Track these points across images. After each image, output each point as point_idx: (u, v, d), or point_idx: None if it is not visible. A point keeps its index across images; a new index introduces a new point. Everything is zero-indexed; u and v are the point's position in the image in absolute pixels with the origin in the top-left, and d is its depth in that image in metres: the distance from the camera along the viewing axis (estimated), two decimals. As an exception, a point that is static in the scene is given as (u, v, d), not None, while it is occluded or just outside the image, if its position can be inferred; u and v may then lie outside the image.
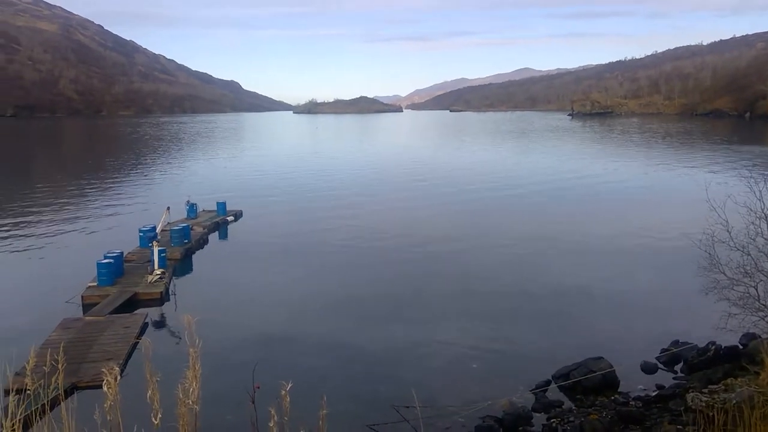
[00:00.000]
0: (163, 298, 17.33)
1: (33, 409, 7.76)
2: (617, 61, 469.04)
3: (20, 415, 4.62)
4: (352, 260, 21.80)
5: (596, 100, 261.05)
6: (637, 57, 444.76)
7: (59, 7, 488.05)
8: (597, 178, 45.05)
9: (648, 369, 12.43)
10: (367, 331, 14.84)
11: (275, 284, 19.07)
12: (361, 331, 14.78)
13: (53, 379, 4.98)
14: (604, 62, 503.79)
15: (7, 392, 10.44)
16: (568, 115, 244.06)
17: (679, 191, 38.08)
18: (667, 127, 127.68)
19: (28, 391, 5.28)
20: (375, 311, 16.28)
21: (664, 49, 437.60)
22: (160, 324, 15.66)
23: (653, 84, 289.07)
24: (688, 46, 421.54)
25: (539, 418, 10.47)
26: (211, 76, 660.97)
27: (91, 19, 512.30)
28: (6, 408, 8.28)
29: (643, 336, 14.19)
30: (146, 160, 67.03)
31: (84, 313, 15.87)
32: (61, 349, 5.35)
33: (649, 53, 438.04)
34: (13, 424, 4.47)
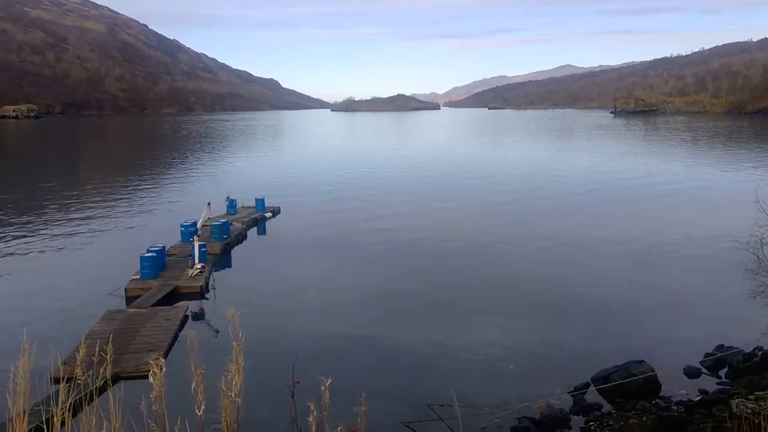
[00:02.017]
0: (203, 292, 17.69)
1: (78, 397, 8.03)
2: (662, 58, 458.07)
3: (68, 402, 4.78)
4: (389, 256, 21.83)
5: (640, 97, 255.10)
6: (684, 54, 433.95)
7: (106, 7, 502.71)
8: (641, 177, 44.03)
9: (691, 373, 12.09)
10: (403, 327, 14.83)
11: (312, 279, 19.24)
12: (397, 328, 14.79)
13: (101, 370, 5.14)
14: (648, 59, 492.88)
15: (54, 380, 10.85)
16: (611, 112, 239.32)
17: (726, 192, 36.91)
18: (715, 126, 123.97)
19: (78, 381, 5.46)
20: (412, 308, 16.27)
21: (712, 46, 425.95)
22: (199, 317, 15.99)
23: (700, 81, 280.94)
24: (737, 42, 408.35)
25: (577, 421, 10.29)
26: (250, 74, 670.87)
27: (137, 19, 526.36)
28: (54, 395, 8.56)
29: (687, 339, 13.81)
30: (190, 156, 68.51)
31: (127, 305, 16.31)
32: (110, 340, 5.51)
33: (696, 50, 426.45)
34: (62, 412, 4.63)
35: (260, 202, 29.80)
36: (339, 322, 15.35)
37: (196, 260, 19.03)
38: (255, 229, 27.12)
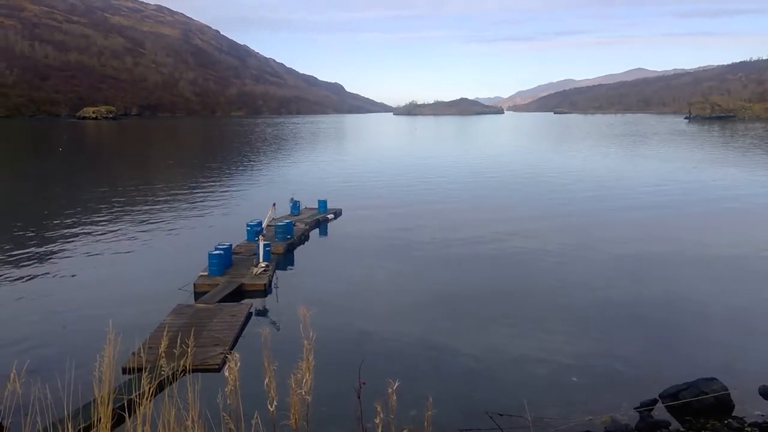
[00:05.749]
0: (266, 290, 18.14)
1: (154, 386, 8.41)
2: (741, 62, 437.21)
3: (148, 390, 5.02)
4: (450, 261, 21.70)
5: (717, 102, 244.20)
6: (765, 57, 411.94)
7: (181, 13, 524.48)
8: (720, 186, 42.03)
9: (767, 394, 11.47)
10: (464, 332, 14.70)
11: (372, 281, 19.41)
12: (459, 333, 14.66)
13: (179, 362, 5.38)
14: (726, 63, 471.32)
15: (128, 369, 11.37)
16: (685, 118, 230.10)
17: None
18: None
19: (162, 371, 5.72)
20: (473, 313, 16.11)
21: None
22: (263, 314, 16.40)
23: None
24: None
25: (643, 438, 9.93)
26: (316, 78, 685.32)
27: (209, 25, 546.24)
28: (136, 382, 8.97)
29: (763, 358, 13.11)
30: (258, 158, 70.43)
31: (195, 300, 16.92)
32: (192, 333, 5.74)
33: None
34: (145, 400, 4.87)
35: (323, 203, 30.30)
36: (400, 324, 15.38)
37: (261, 259, 19.55)
38: (317, 230, 27.59)
